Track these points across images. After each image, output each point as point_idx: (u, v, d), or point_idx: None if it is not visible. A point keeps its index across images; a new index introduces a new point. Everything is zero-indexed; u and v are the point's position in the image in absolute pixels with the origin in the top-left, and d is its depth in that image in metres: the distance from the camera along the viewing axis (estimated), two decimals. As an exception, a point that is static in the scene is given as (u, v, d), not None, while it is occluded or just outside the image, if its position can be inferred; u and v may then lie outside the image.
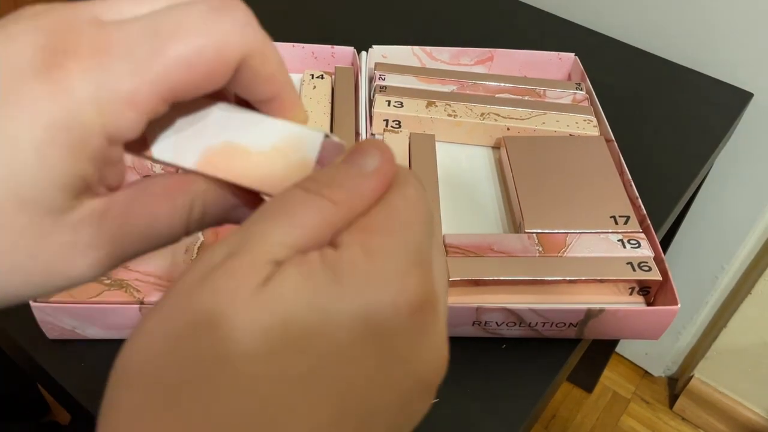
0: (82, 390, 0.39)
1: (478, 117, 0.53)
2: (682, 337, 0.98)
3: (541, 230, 0.45)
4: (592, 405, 1.06)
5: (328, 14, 0.72)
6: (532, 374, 0.41)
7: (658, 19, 0.70)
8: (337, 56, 0.59)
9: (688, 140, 0.59)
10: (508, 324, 0.41)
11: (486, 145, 0.54)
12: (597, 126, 0.53)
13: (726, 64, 0.68)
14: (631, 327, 0.41)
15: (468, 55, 0.60)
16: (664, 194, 0.53)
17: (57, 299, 0.39)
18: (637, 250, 0.43)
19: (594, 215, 0.46)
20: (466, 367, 0.41)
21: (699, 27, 0.68)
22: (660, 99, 0.63)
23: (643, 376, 1.08)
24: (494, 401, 0.39)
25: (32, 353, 0.41)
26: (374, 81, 0.56)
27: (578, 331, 0.42)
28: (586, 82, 0.58)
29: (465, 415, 0.39)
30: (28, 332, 0.40)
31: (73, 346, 0.41)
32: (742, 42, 0.66)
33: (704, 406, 1.00)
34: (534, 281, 0.41)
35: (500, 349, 0.42)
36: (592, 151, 0.51)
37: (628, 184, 0.48)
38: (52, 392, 0.42)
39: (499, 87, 0.56)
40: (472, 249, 0.43)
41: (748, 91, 0.65)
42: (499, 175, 0.52)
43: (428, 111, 0.53)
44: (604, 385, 1.07)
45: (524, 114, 0.54)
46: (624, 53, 0.68)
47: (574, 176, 0.49)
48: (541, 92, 0.56)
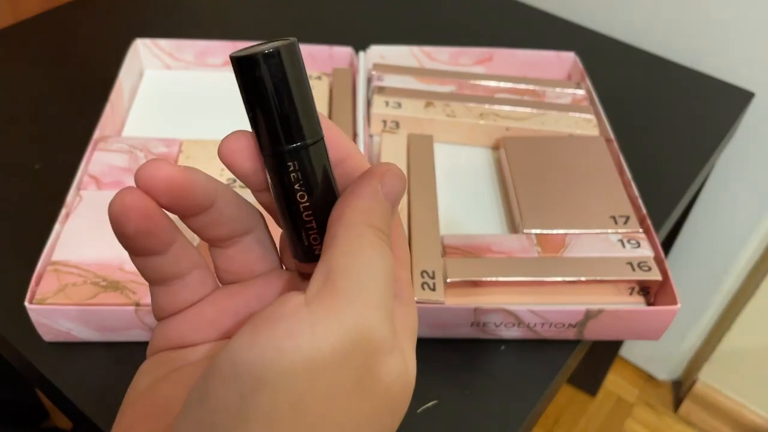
0: (79, 392, 0.39)
1: (476, 117, 0.53)
2: (686, 340, 0.97)
3: (541, 230, 0.44)
4: (596, 409, 1.05)
5: (326, 14, 0.72)
6: (532, 375, 0.41)
7: (658, 19, 0.70)
8: (335, 57, 0.59)
9: (689, 140, 0.58)
10: (507, 325, 0.41)
11: (485, 145, 0.54)
12: (597, 126, 0.53)
13: (727, 64, 0.67)
14: (631, 327, 0.41)
15: (467, 55, 0.60)
16: (664, 194, 0.53)
17: (52, 301, 0.39)
18: (637, 250, 0.43)
19: (594, 215, 0.45)
20: (465, 368, 0.41)
21: (700, 26, 0.68)
22: (660, 98, 0.63)
23: (647, 380, 1.07)
24: (493, 403, 0.39)
25: (28, 356, 0.40)
26: (372, 81, 0.56)
27: (578, 332, 0.41)
28: (586, 81, 0.57)
29: (463, 417, 0.38)
30: (24, 335, 0.40)
31: (69, 348, 0.40)
32: (743, 41, 0.66)
33: (709, 410, 0.99)
34: (533, 282, 0.41)
35: (499, 351, 0.42)
36: (592, 151, 0.50)
37: (628, 184, 0.48)
38: (49, 395, 0.42)
39: (498, 87, 0.56)
40: (471, 249, 0.43)
41: (749, 91, 0.64)
42: (498, 175, 0.51)
43: (427, 111, 0.53)
44: (607, 389, 1.06)
45: (523, 114, 0.53)
46: (624, 53, 0.68)
47: (574, 176, 0.48)
48: (541, 92, 0.56)
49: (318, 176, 0.19)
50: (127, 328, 0.39)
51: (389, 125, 0.52)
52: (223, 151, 0.19)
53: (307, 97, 0.19)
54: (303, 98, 0.18)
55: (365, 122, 0.52)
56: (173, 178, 0.18)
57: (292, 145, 0.18)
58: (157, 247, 0.19)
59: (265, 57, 0.17)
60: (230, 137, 0.19)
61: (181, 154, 0.48)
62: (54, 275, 0.40)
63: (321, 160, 0.19)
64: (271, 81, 0.18)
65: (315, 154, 0.19)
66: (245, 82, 0.18)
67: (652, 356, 1.05)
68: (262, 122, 0.18)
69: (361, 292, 0.17)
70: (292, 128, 0.18)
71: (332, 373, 0.16)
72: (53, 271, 0.40)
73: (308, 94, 0.19)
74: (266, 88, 0.18)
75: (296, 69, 0.18)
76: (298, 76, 0.18)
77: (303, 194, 0.19)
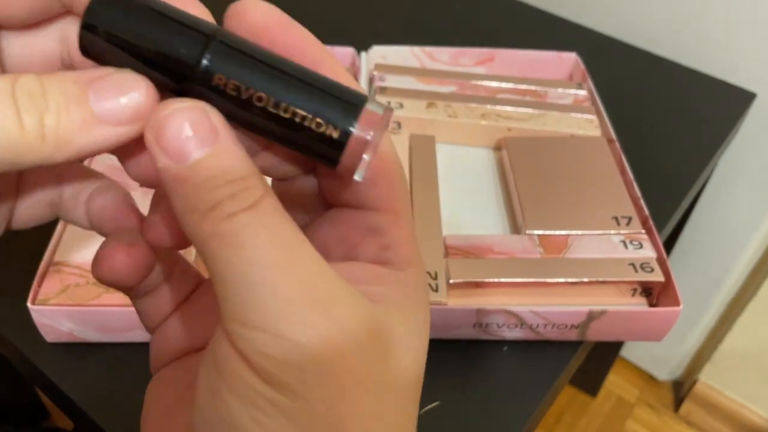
0: (81, 393, 0.39)
1: (478, 118, 0.53)
2: (686, 340, 0.97)
3: (543, 231, 0.44)
4: (597, 409, 1.05)
5: (327, 14, 0.71)
6: (534, 377, 0.41)
7: (659, 19, 0.70)
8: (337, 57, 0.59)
9: (691, 140, 0.58)
10: (509, 326, 0.41)
11: (487, 145, 0.54)
12: (599, 126, 0.53)
13: (729, 64, 0.67)
14: (633, 328, 0.41)
15: (468, 55, 0.60)
16: (666, 195, 0.52)
17: (55, 302, 0.39)
18: (639, 251, 0.43)
19: (596, 216, 0.45)
20: (467, 369, 0.41)
21: (701, 26, 0.68)
22: (662, 99, 0.63)
23: (647, 380, 1.07)
24: (495, 404, 0.39)
25: (30, 357, 0.40)
26: (374, 82, 0.56)
27: (580, 333, 0.41)
28: (588, 82, 0.57)
29: (465, 418, 0.38)
30: (26, 335, 0.40)
31: (71, 349, 0.40)
32: (744, 42, 0.66)
33: (709, 410, 0.99)
34: (535, 283, 0.41)
35: (501, 352, 0.42)
36: (594, 151, 0.50)
37: (630, 184, 0.48)
38: (51, 396, 0.42)
39: (499, 87, 0.56)
40: (473, 250, 0.43)
41: (751, 92, 0.64)
42: (500, 175, 0.51)
43: (428, 112, 0.53)
44: (608, 390, 1.06)
45: (525, 114, 0.53)
46: (626, 53, 0.68)
47: (576, 177, 0.48)
48: (543, 92, 0.56)
49: (256, 66, 0.15)
50: (128, 329, 0.39)
51: (391, 126, 0.52)
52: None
53: (165, 11, 0.15)
54: (163, 15, 0.15)
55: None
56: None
57: (200, 63, 0.15)
58: (150, 271, 0.19)
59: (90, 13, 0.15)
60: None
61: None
62: (56, 276, 0.40)
63: (238, 49, 0.15)
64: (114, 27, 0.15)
65: (223, 50, 0.15)
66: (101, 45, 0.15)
67: (653, 356, 1.05)
68: (153, 65, 0.15)
69: (256, 315, 0.14)
70: (182, 44, 0.15)
71: (303, 401, 0.15)
72: (55, 271, 0.40)
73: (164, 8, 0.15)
74: (118, 36, 0.15)
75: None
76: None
77: (260, 96, 0.15)
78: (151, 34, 0.15)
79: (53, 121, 0.14)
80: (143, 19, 0.15)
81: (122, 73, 0.15)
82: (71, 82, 0.15)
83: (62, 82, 0.15)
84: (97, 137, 0.15)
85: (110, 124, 0.15)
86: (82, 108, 0.15)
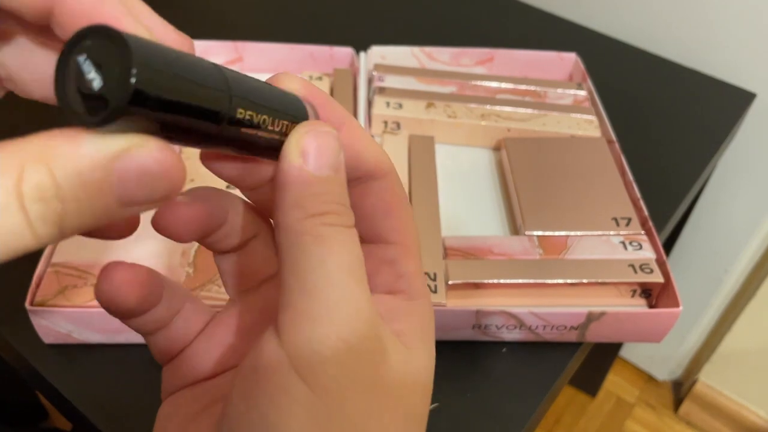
0: (79, 394, 0.39)
1: (478, 118, 0.53)
2: (686, 340, 0.97)
3: (542, 232, 0.44)
4: (596, 410, 1.05)
5: (326, 15, 0.71)
6: (533, 378, 0.40)
7: (659, 19, 0.70)
8: (336, 57, 0.59)
9: (691, 141, 0.58)
10: (509, 327, 0.40)
11: (486, 146, 0.54)
12: (598, 127, 0.53)
13: (728, 64, 0.67)
14: (633, 330, 0.41)
15: (468, 55, 0.60)
16: (666, 195, 0.52)
17: (53, 303, 0.39)
18: (638, 252, 0.43)
19: (595, 217, 0.45)
20: (466, 370, 0.41)
21: (701, 26, 0.68)
22: (662, 99, 0.63)
23: (647, 381, 1.07)
24: (494, 405, 0.39)
25: (28, 358, 0.40)
26: (373, 82, 0.55)
27: (579, 335, 0.41)
28: (588, 82, 0.57)
29: (465, 420, 0.38)
30: (24, 337, 0.40)
31: (69, 350, 0.40)
32: (744, 42, 0.66)
33: (709, 410, 0.99)
34: (534, 284, 0.41)
35: (500, 353, 0.42)
36: (594, 152, 0.50)
37: (629, 185, 0.48)
38: (49, 397, 0.42)
39: (499, 88, 0.56)
40: (472, 251, 0.43)
41: (750, 92, 0.64)
42: (499, 176, 0.51)
43: (428, 112, 0.53)
44: (607, 390, 1.06)
45: (525, 115, 0.53)
46: (626, 53, 0.68)
47: (576, 178, 0.48)
48: (542, 93, 0.56)
49: (257, 94, 0.17)
50: (127, 330, 0.39)
51: (390, 126, 0.52)
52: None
53: (194, 71, 0.15)
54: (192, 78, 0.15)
55: (366, 123, 0.52)
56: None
57: (224, 111, 0.16)
58: (155, 301, 0.19)
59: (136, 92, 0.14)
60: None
61: (182, 154, 0.48)
62: (54, 277, 0.40)
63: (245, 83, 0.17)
64: (161, 93, 0.14)
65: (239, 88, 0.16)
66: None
67: (653, 357, 1.05)
68: (192, 120, 0.15)
69: (323, 309, 0.16)
70: (209, 108, 0.15)
71: (338, 401, 0.16)
72: (53, 272, 0.40)
73: (190, 67, 0.15)
74: (164, 99, 0.14)
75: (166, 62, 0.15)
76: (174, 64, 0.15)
77: (264, 119, 0.17)
78: (190, 92, 0.15)
79: (75, 223, 0.13)
80: (179, 83, 0.15)
81: (144, 154, 0.14)
82: (89, 169, 0.14)
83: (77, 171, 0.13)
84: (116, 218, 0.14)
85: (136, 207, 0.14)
86: (105, 198, 0.14)
